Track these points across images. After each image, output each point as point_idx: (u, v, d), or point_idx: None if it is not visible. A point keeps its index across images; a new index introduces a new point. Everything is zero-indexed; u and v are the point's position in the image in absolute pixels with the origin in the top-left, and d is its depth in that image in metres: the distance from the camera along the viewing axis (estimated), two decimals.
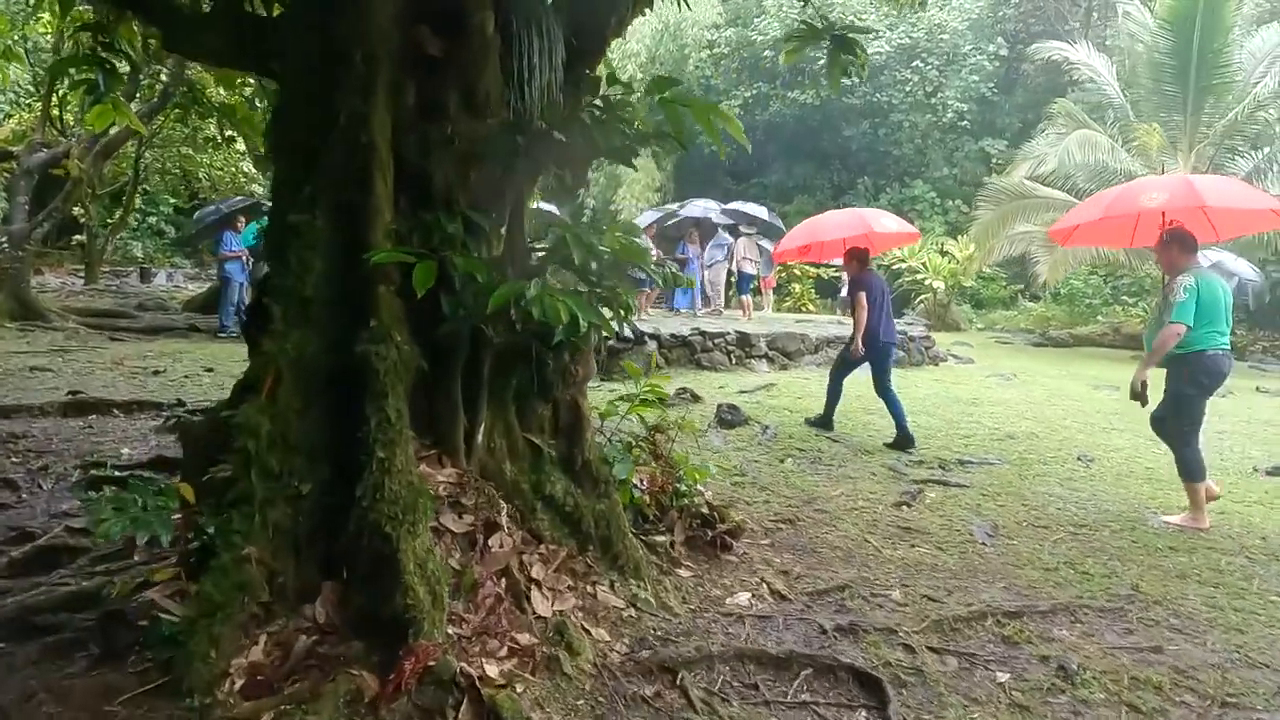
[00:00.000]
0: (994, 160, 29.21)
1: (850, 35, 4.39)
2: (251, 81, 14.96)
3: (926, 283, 21.91)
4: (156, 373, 9.03)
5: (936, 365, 13.11)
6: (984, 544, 4.88)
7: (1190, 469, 5.43)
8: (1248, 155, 16.58)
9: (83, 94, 7.15)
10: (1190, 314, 5.27)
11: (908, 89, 28.85)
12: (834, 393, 7.91)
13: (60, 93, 17.04)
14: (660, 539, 4.05)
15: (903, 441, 7.28)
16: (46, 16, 18.66)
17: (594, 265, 3.47)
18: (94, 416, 7.16)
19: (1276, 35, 17.07)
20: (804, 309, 23.34)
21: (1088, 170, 17.50)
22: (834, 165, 31.30)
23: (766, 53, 27.94)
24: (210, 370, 9.25)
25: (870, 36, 26.66)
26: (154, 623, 2.89)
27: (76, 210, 17.76)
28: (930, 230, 27.39)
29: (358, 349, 3.03)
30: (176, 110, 13.93)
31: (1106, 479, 6.60)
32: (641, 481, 4.14)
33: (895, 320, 8.25)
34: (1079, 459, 7.17)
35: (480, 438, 3.61)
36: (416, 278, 2.96)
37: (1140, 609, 3.99)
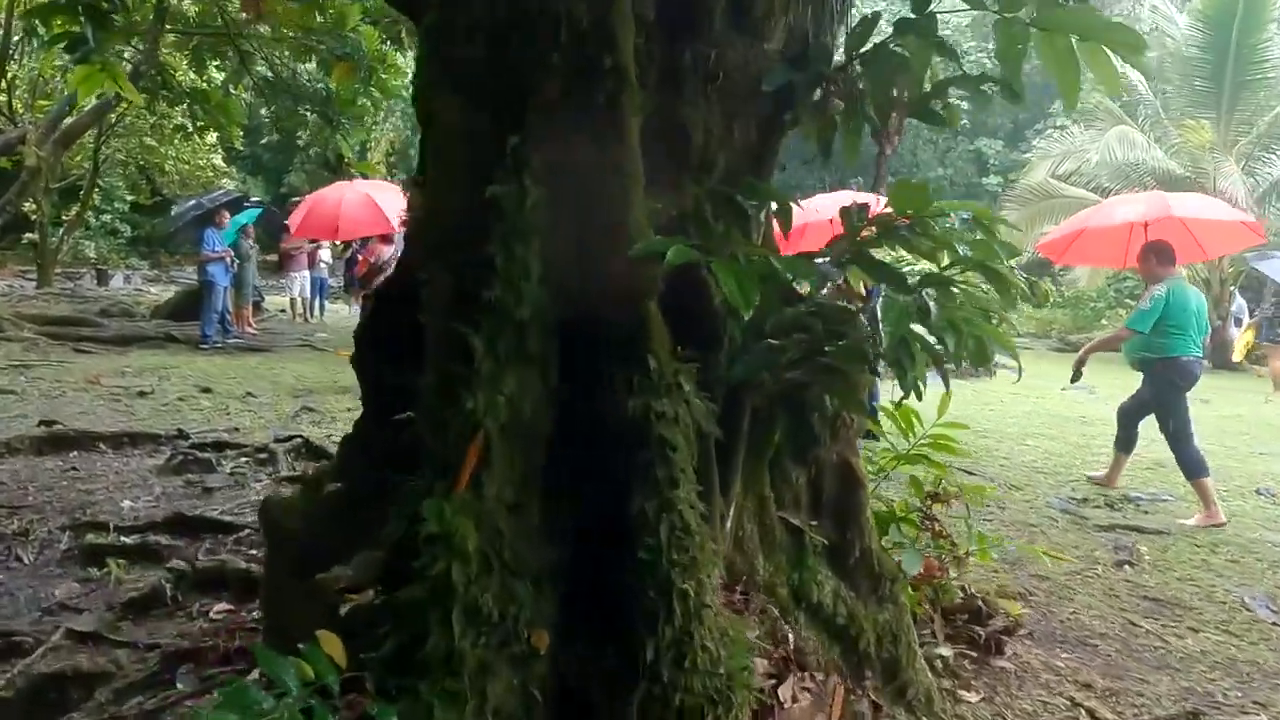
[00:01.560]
0: (991, 161, 28.65)
1: None
2: (224, 66, 13.41)
3: None
4: (142, 394, 7.61)
5: (993, 376, 12.16)
6: (1276, 624, 3.83)
7: (1193, 467, 5.50)
8: None
9: (56, 54, 5.77)
10: (1147, 323, 5.55)
11: None
12: None
13: (10, 75, 15.34)
14: (942, 651, 2.89)
15: None
16: None
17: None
18: (76, 453, 5.78)
19: None
20: None
21: (1112, 169, 16.80)
22: (825, 165, 30.49)
23: None
24: (207, 391, 7.84)
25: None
26: None
27: (28, 205, 16.02)
28: None
29: (630, 404, 1.81)
30: (142, 95, 12.44)
31: None
32: None
33: None
34: (1258, 493, 6.19)
35: (730, 522, 2.42)
36: (735, 289, 1.76)
37: None
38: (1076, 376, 5.86)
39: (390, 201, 9.73)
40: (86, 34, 5.07)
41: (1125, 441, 6.08)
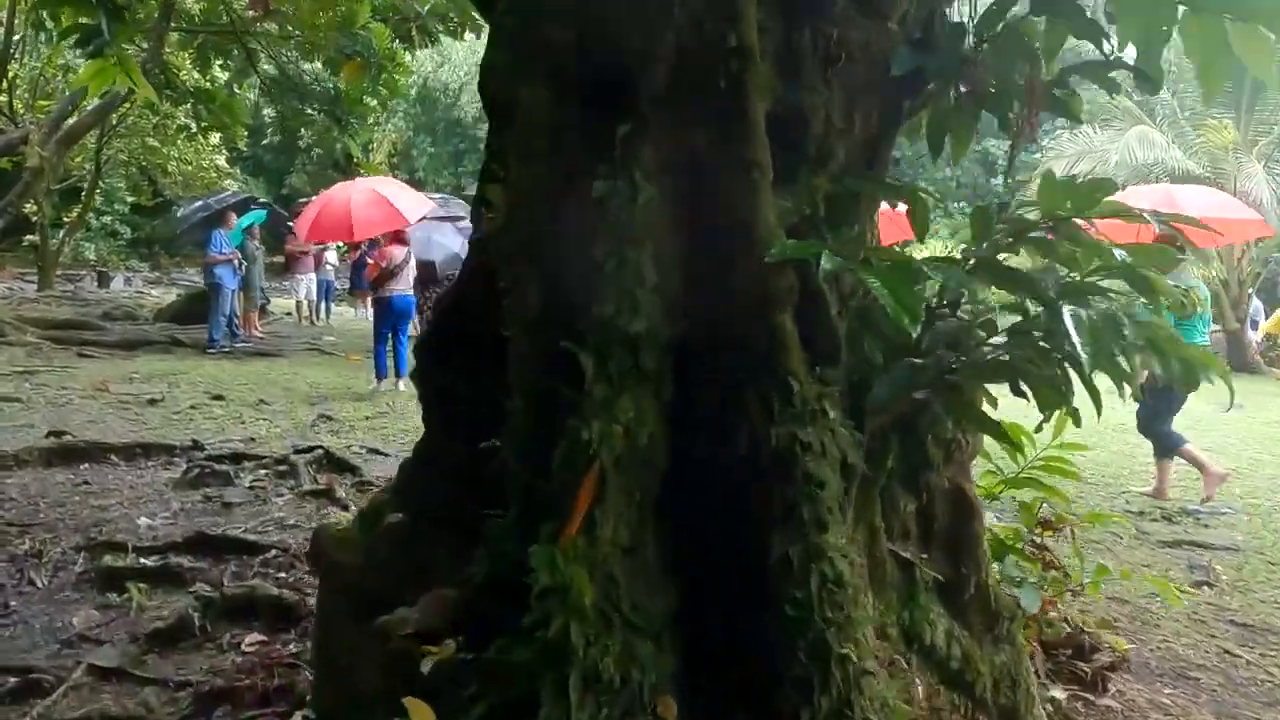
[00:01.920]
0: (998, 162, 28.37)
1: None
2: (229, 65, 13.11)
3: None
4: (153, 401, 7.34)
5: None
6: None
7: (1171, 442, 5.89)
8: None
9: (59, 53, 5.55)
10: (1170, 316, 5.61)
11: None
12: None
13: (11, 74, 15.06)
14: (1055, 694, 2.65)
15: None
16: None
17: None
18: (86, 466, 5.52)
19: None
20: None
21: (1130, 169, 16.55)
22: None
23: None
24: (219, 398, 7.58)
25: None
26: None
27: (28, 207, 15.73)
28: (935, 234, 26.41)
29: (774, 433, 1.56)
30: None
31: None
32: None
33: None
34: None
35: None
36: (893, 302, 1.51)
37: None
38: (1138, 394, 5.79)
39: (400, 195, 9.36)
40: (101, 26, 4.83)
41: (1163, 449, 6.05)
